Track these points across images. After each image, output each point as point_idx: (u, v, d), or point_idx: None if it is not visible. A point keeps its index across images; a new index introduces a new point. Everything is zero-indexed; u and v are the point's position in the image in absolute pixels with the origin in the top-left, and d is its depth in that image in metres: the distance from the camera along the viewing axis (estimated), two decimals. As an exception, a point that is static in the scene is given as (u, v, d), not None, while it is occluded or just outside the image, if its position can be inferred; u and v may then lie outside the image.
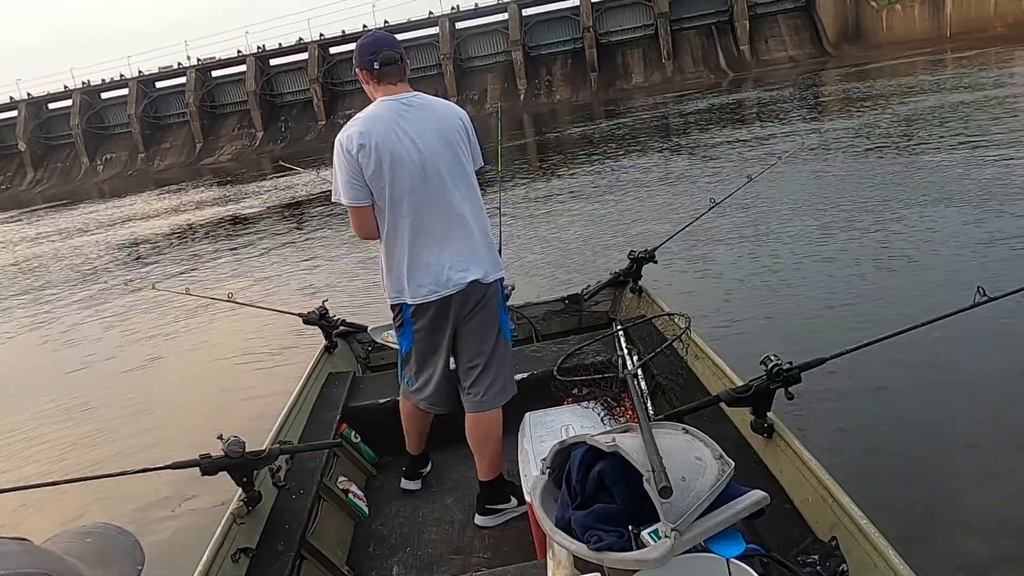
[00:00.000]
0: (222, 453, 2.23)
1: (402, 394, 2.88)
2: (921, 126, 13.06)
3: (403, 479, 3.09)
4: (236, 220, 17.22)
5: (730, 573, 1.47)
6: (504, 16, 46.35)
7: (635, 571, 1.50)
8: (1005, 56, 24.11)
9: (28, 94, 53.97)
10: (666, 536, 1.47)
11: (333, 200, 2.57)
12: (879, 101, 17.92)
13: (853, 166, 10.68)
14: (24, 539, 0.71)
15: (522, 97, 45.43)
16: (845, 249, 6.83)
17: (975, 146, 10.43)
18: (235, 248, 12.72)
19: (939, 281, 5.57)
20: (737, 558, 1.48)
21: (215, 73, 52.56)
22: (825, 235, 7.37)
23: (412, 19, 48.22)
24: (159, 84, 53.29)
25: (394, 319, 2.75)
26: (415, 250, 2.55)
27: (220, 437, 2.25)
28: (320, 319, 3.84)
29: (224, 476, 2.27)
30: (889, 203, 8.12)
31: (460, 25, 48.17)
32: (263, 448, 2.37)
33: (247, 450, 2.26)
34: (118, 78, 52.88)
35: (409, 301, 2.60)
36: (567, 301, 4.26)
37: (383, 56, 2.54)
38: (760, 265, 6.81)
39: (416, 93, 2.62)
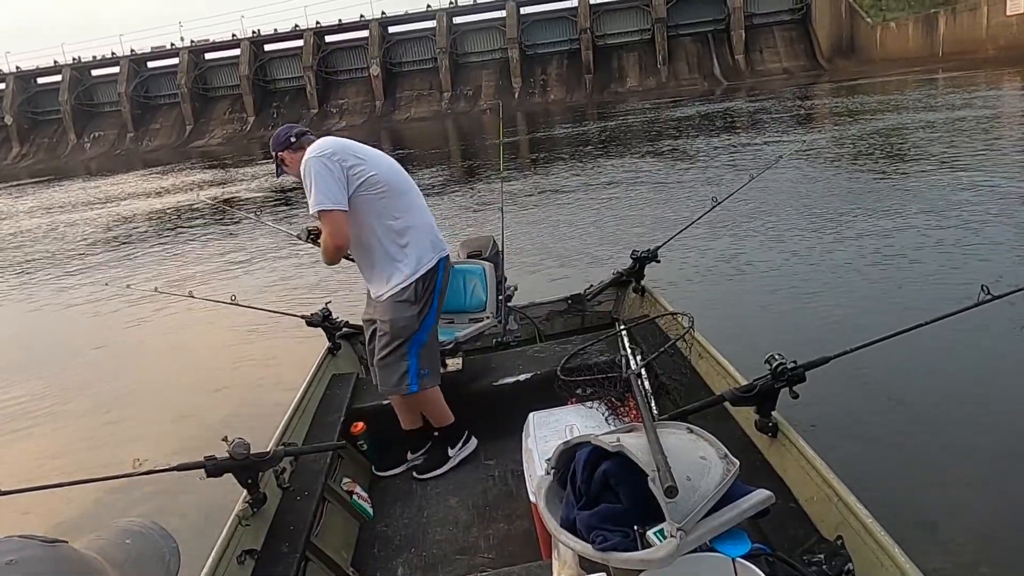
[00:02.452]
0: (227, 455, 2.23)
1: (425, 387, 2.97)
2: (917, 138, 13.23)
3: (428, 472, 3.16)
4: (230, 209, 17.09)
5: (736, 572, 1.49)
6: (502, 13, 46.31)
7: (640, 571, 1.51)
8: (994, 78, 24.42)
9: (17, 67, 53.31)
10: (671, 536, 1.47)
11: (317, 211, 2.69)
12: (872, 115, 18.09)
13: (850, 174, 10.82)
14: (59, 540, 0.70)
15: (516, 95, 45.40)
16: (848, 248, 6.91)
17: (971, 157, 10.62)
18: (231, 241, 12.63)
19: (944, 280, 5.65)
20: (743, 557, 1.49)
21: (208, 56, 52.09)
22: (826, 235, 7.45)
23: (410, 12, 48.07)
24: (151, 64, 52.72)
25: (417, 299, 2.87)
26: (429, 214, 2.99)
27: (225, 439, 2.25)
28: (323, 321, 3.82)
29: (229, 478, 2.27)
30: (890, 205, 8.26)
31: (458, 20, 48.07)
32: (268, 450, 2.37)
33: (252, 452, 2.26)
34: (109, 55, 52.31)
35: (446, 250, 2.98)
36: (570, 301, 4.26)
37: (296, 131, 2.91)
38: (762, 264, 6.86)
39: None
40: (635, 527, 1.57)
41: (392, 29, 49.16)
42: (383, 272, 2.88)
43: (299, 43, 49.29)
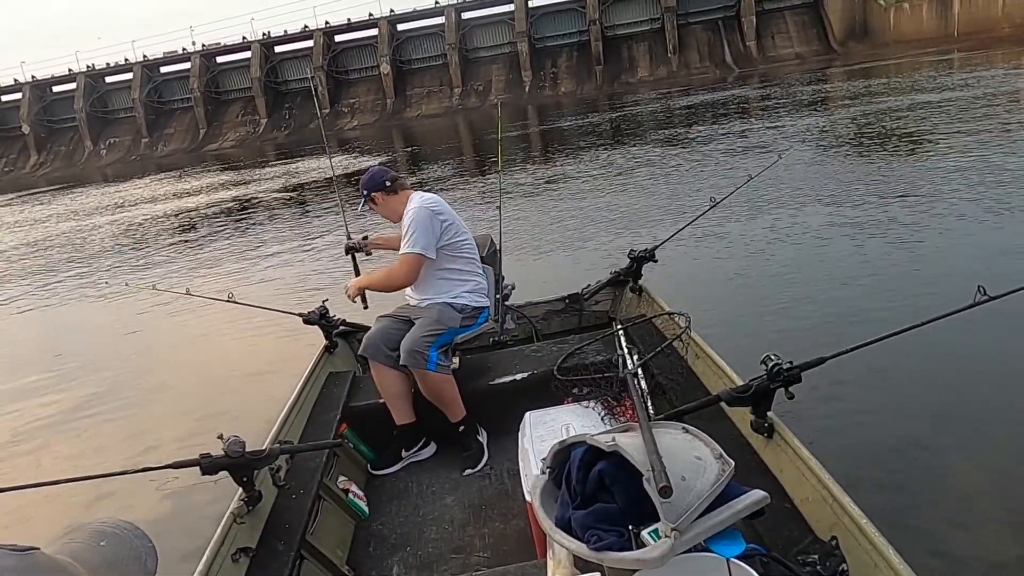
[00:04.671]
0: (222, 453, 2.22)
1: (441, 372, 3.16)
2: (924, 126, 13.03)
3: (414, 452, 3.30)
4: (238, 209, 17.21)
5: (730, 573, 1.48)
6: (510, 7, 46.15)
7: (635, 571, 1.50)
8: (1011, 57, 24.02)
9: (32, 76, 53.83)
10: (666, 536, 1.47)
11: (413, 251, 3.14)
12: (881, 100, 17.87)
13: (851, 165, 10.68)
14: (31, 548, 0.69)
15: (527, 89, 45.29)
16: (846, 248, 6.82)
17: (979, 145, 10.41)
18: (235, 242, 12.72)
19: (940, 279, 5.57)
20: (737, 558, 1.48)
21: (220, 59, 52.39)
22: (825, 233, 7.35)
23: (418, 8, 48.06)
24: (163, 69, 53.14)
25: (462, 313, 3.31)
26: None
27: (220, 437, 2.25)
28: (320, 319, 3.83)
29: (224, 476, 2.27)
30: (889, 202, 8.12)
31: (466, 15, 47.97)
32: (263, 448, 2.37)
33: (247, 450, 2.25)
34: (123, 62, 52.77)
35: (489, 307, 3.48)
36: (567, 300, 4.25)
37: (391, 176, 3.37)
38: (761, 264, 6.80)
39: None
40: (630, 527, 1.56)
41: (401, 27, 49.17)
42: (438, 288, 3.27)
43: (309, 43, 49.41)
